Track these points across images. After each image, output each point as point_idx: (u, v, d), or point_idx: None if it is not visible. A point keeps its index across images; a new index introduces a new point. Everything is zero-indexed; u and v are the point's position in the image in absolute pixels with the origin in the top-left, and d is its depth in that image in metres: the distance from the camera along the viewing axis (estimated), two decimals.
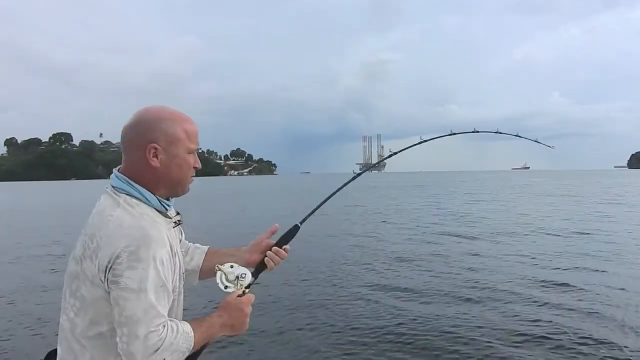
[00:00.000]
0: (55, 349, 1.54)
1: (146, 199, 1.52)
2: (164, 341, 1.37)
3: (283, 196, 42.85)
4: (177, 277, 1.55)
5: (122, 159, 1.57)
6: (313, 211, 1.98)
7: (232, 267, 1.70)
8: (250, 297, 1.67)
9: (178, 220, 1.63)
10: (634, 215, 18.31)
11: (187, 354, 1.46)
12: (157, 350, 1.36)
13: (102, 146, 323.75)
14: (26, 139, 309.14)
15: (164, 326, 1.39)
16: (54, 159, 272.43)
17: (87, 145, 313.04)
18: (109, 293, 1.38)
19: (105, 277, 1.38)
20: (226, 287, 1.67)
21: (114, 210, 1.45)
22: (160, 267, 1.41)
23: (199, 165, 1.64)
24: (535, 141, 2.72)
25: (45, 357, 1.58)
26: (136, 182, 1.52)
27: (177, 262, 1.56)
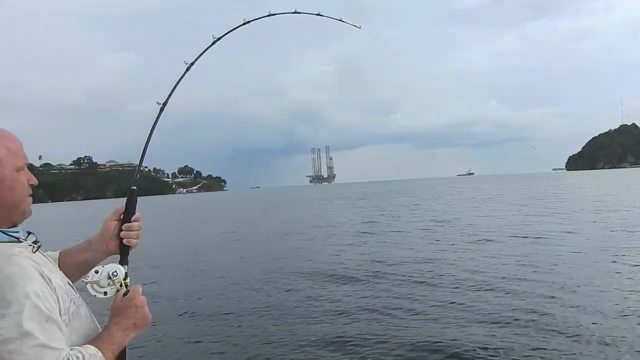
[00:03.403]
0: None
1: None
2: None
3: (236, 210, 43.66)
4: (65, 298, 1.41)
5: None
6: (139, 165, 1.85)
7: (97, 272, 1.57)
8: (136, 288, 1.59)
9: (34, 242, 1.46)
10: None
11: None
12: None
13: (41, 169, 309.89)
14: None
15: (68, 359, 1.28)
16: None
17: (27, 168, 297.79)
18: None
19: None
20: (105, 293, 1.56)
21: None
22: (38, 300, 1.28)
23: (34, 181, 1.49)
24: (339, 20, 2.61)
25: None
26: None
27: (58, 283, 1.42)
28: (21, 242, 1.42)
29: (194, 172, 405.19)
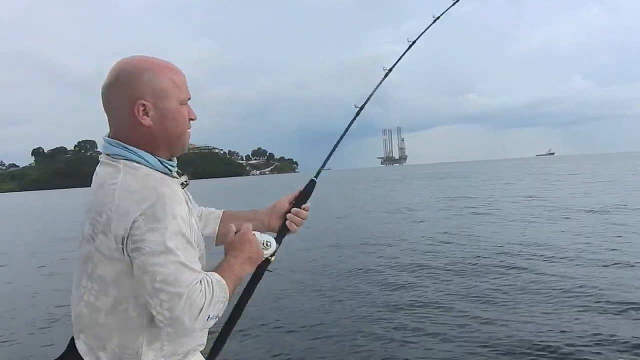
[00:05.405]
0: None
1: (146, 161, 1.39)
2: (206, 297, 1.30)
3: None
4: (198, 237, 1.47)
5: (109, 123, 1.44)
6: (325, 162, 1.99)
7: (254, 234, 1.62)
8: (248, 226, 1.62)
9: (185, 181, 1.51)
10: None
11: (225, 304, 1.40)
12: (202, 308, 1.29)
13: None
14: (52, 148, 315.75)
15: (201, 282, 1.31)
16: (80, 167, 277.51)
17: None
18: (131, 266, 1.28)
19: (124, 248, 1.27)
20: None
21: (115, 177, 1.32)
22: (182, 223, 1.32)
23: (194, 116, 1.51)
24: None
25: (70, 344, 1.44)
26: (131, 145, 1.39)
27: (194, 222, 1.45)
28: (174, 177, 1.46)
29: (267, 154, 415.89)
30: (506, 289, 6.58)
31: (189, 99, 1.49)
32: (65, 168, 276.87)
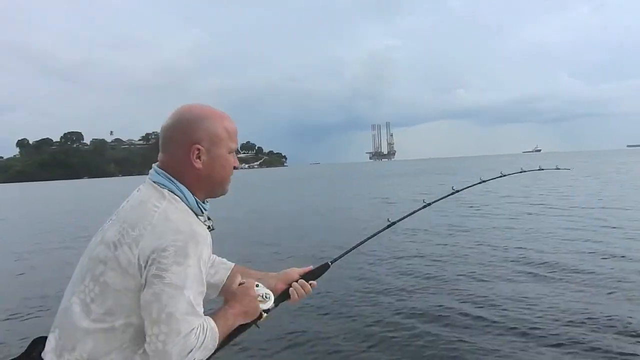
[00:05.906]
0: (41, 337, 1.47)
1: (186, 198, 1.49)
2: (198, 340, 1.36)
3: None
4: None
5: (159, 155, 1.54)
6: (346, 252, 2.00)
7: (257, 285, 1.69)
8: (252, 282, 1.69)
9: (210, 226, 1.59)
10: None
11: (212, 351, 1.45)
12: (191, 350, 1.34)
13: (113, 144, 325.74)
14: (37, 139, 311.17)
15: (200, 326, 1.38)
16: (66, 159, 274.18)
17: (98, 143, 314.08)
18: (143, 286, 1.34)
19: (144, 268, 1.33)
20: None
21: (160, 202, 1.42)
22: (203, 267, 1.40)
23: (237, 164, 1.62)
24: (556, 169, 3.28)
25: (30, 345, 1.48)
26: (177, 180, 1.50)
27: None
28: (201, 220, 1.54)
29: (256, 147, 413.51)
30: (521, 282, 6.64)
31: (236, 148, 1.61)
32: (51, 160, 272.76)
